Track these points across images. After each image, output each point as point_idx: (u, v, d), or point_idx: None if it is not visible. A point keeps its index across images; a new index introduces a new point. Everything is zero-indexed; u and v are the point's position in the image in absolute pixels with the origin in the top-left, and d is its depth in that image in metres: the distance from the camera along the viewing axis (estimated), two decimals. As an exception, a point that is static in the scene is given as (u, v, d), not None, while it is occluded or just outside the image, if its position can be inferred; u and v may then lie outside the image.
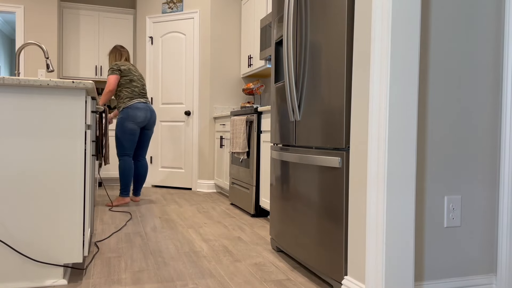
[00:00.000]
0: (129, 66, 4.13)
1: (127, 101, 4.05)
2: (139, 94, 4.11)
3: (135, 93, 4.08)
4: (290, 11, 2.16)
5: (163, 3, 5.42)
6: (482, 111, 1.81)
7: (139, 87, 4.13)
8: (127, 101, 4.05)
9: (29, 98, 1.88)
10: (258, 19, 4.62)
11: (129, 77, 4.08)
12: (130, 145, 4.06)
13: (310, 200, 2.06)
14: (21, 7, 5.22)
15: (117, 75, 4.03)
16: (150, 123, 4.19)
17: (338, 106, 1.83)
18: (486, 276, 1.83)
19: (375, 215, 1.58)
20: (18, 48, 3.42)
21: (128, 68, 4.10)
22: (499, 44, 1.82)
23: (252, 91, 4.89)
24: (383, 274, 1.55)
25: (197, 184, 5.21)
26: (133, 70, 4.14)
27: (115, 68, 4.05)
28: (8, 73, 9.18)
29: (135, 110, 4.02)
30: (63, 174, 1.92)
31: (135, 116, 4.02)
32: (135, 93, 4.08)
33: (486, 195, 1.83)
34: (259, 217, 3.63)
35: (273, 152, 2.54)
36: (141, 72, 5.52)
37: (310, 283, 2.02)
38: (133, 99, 4.06)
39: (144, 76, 5.53)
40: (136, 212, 3.77)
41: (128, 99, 4.06)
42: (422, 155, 1.73)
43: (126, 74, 4.07)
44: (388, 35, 1.54)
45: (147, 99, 4.20)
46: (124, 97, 4.06)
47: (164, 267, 2.23)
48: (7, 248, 1.86)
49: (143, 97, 4.15)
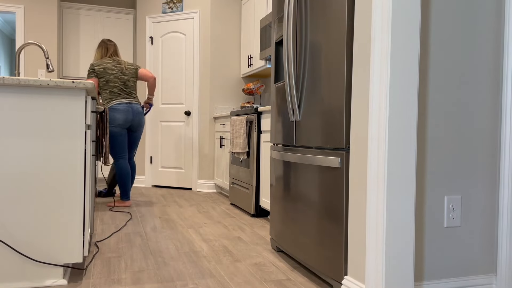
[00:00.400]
0: (106, 65, 3.92)
1: (107, 103, 3.91)
2: (118, 94, 3.90)
3: (114, 93, 3.90)
4: (290, 11, 2.16)
5: (163, 3, 5.42)
6: (482, 111, 1.81)
7: (118, 86, 3.91)
8: (106, 103, 3.91)
9: (29, 98, 1.88)
10: (258, 19, 4.62)
11: (105, 77, 3.90)
12: (120, 146, 3.92)
13: (310, 200, 2.06)
14: (21, 7, 5.22)
15: (93, 78, 3.89)
16: (134, 125, 3.99)
17: (338, 106, 1.83)
18: (486, 276, 1.83)
19: (375, 215, 1.58)
20: (18, 48, 3.42)
21: (103, 67, 3.90)
22: (499, 44, 1.82)
23: (252, 91, 4.89)
24: (383, 274, 1.55)
25: (197, 184, 5.21)
26: (110, 68, 3.91)
27: (90, 70, 3.92)
28: (8, 73, 9.18)
29: (114, 112, 3.85)
30: (63, 174, 1.92)
31: (114, 118, 3.84)
32: (113, 93, 3.90)
33: (486, 195, 1.83)
34: (259, 217, 3.63)
35: (273, 152, 2.54)
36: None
37: (310, 283, 2.02)
38: (112, 100, 3.89)
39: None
40: (136, 212, 3.77)
41: (107, 100, 3.90)
42: (422, 155, 1.73)
43: (101, 75, 3.90)
44: (388, 35, 1.54)
45: (131, 98, 3.98)
46: (104, 99, 3.93)
47: (164, 267, 2.23)
48: (7, 248, 1.86)
49: (124, 97, 3.93)
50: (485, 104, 1.81)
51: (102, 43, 4.09)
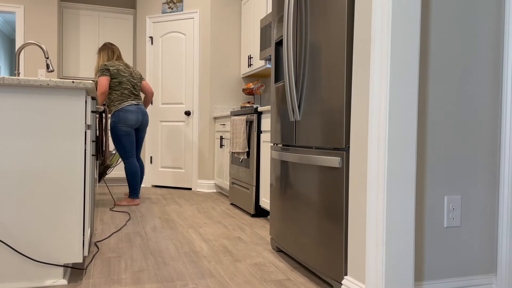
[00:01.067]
0: (118, 67, 4.07)
1: (118, 104, 4.03)
2: (129, 96, 4.08)
3: (125, 95, 4.06)
4: (290, 11, 2.16)
5: (163, 3, 5.42)
6: (482, 111, 1.81)
7: (129, 88, 4.09)
8: (117, 104, 4.03)
9: (29, 98, 1.88)
10: (258, 19, 4.62)
11: (118, 79, 4.04)
12: (130, 146, 4.08)
13: (310, 200, 2.06)
14: (21, 7, 5.22)
15: (107, 76, 3.99)
16: (142, 125, 4.20)
17: (338, 106, 1.83)
18: (486, 276, 1.83)
19: (375, 215, 1.58)
20: (18, 48, 3.42)
21: (117, 69, 4.05)
22: (499, 44, 1.82)
23: (252, 91, 4.89)
24: (383, 274, 1.55)
25: (197, 184, 5.21)
26: (122, 71, 4.08)
27: (103, 68, 4.00)
28: (8, 73, 9.18)
29: (126, 113, 4.01)
30: (63, 174, 1.92)
31: (127, 119, 4.02)
32: (124, 95, 4.06)
33: (486, 195, 1.83)
34: (259, 217, 3.63)
35: (273, 152, 2.54)
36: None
37: (310, 283, 2.02)
38: (123, 101, 4.04)
39: (144, 76, 5.52)
40: (136, 212, 3.77)
41: (118, 102, 4.04)
42: (422, 155, 1.73)
43: (114, 76, 4.03)
44: (388, 35, 1.54)
45: (139, 100, 4.17)
46: (115, 100, 4.05)
47: (164, 267, 2.23)
48: (7, 248, 1.86)
49: (134, 99, 4.12)
50: (485, 104, 1.81)
51: (106, 46, 4.20)
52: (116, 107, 4.03)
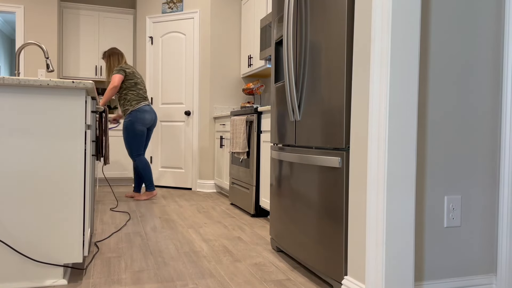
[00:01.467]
0: (133, 70, 4.34)
1: (135, 104, 4.27)
2: (144, 97, 4.34)
3: (140, 96, 4.32)
4: (290, 11, 2.16)
5: (163, 3, 5.42)
6: (482, 111, 1.81)
7: (143, 89, 4.36)
8: (134, 104, 4.27)
9: (29, 98, 1.88)
10: (258, 19, 4.62)
11: (134, 80, 4.30)
12: (142, 144, 4.37)
13: (310, 200, 2.06)
14: (21, 7, 5.22)
15: (121, 75, 4.21)
16: (153, 125, 4.47)
17: (338, 106, 1.83)
18: (486, 276, 1.83)
19: (375, 215, 1.58)
20: (18, 48, 3.42)
21: (132, 71, 4.31)
22: (499, 44, 1.82)
23: (252, 91, 4.89)
24: (383, 274, 1.55)
25: (197, 184, 5.21)
26: (136, 73, 4.36)
27: (120, 69, 4.24)
28: (8, 73, 9.18)
29: (143, 113, 4.27)
30: (63, 174, 1.92)
31: (144, 118, 4.27)
32: (140, 96, 4.31)
33: (486, 195, 1.83)
34: (259, 217, 3.63)
35: (273, 152, 2.54)
36: (139, 71, 5.55)
37: (310, 283, 2.02)
38: (140, 102, 4.30)
39: (144, 76, 5.53)
40: (136, 212, 3.77)
41: (136, 102, 4.28)
42: (422, 155, 1.73)
43: (131, 77, 4.28)
44: (388, 35, 1.54)
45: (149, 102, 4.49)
46: (131, 100, 4.27)
47: (164, 267, 2.23)
48: (7, 248, 1.86)
49: (147, 99, 4.40)
50: (485, 104, 1.81)
51: (114, 52, 4.44)
52: (133, 106, 4.27)
